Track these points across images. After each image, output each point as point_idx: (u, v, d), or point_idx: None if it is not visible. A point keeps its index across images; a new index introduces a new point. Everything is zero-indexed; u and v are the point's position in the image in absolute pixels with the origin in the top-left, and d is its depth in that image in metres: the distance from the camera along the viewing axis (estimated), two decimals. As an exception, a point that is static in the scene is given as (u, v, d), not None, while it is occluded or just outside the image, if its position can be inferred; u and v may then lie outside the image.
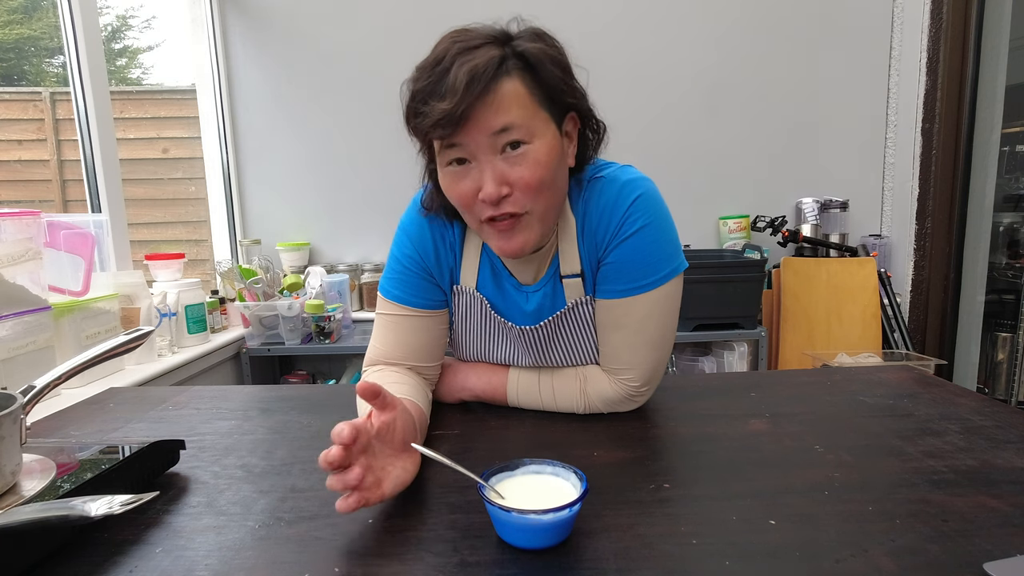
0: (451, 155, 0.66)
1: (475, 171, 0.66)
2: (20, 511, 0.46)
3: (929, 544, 0.48)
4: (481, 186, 0.65)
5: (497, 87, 0.63)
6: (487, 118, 0.63)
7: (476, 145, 0.64)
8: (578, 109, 0.71)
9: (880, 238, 2.32)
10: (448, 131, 0.63)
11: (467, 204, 0.68)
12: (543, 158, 0.66)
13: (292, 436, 0.77)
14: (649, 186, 0.75)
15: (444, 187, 0.70)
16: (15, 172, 2.16)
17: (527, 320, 0.81)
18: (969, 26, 2.07)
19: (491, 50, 0.64)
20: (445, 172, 0.68)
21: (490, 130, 0.63)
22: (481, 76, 0.61)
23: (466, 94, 0.61)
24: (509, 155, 0.65)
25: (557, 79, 0.67)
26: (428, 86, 0.63)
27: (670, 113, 2.29)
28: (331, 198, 2.35)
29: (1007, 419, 0.76)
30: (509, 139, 0.64)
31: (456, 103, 0.61)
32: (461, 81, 0.61)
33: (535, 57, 0.66)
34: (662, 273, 0.74)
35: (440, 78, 0.62)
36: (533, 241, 0.70)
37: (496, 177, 0.65)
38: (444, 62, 0.63)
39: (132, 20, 2.69)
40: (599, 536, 0.51)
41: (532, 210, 0.68)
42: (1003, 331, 2.19)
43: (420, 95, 0.64)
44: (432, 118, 0.62)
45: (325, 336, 1.97)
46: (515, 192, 0.66)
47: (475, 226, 0.72)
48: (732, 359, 2.15)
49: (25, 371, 1.13)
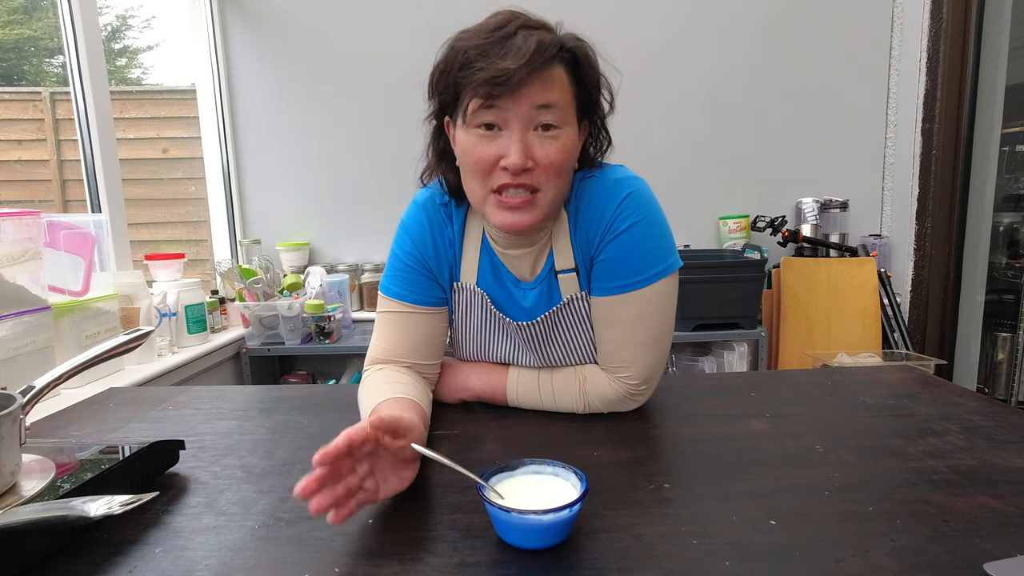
0: (485, 117, 0.67)
1: (503, 139, 0.67)
2: (20, 511, 0.46)
3: (929, 544, 0.48)
4: (504, 154, 0.67)
5: (553, 67, 0.67)
6: (538, 91, 0.66)
7: (516, 113, 0.66)
8: (595, 119, 0.75)
9: (880, 238, 2.32)
10: (501, 90, 0.64)
11: (485, 169, 0.69)
12: (569, 145, 0.69)
13: (292, 436, 0.77)
14: (640, 185, 0.76)
15: (463, 149, 0.70)
16: (15, 172, 2.15)
17: (525, 316, 0.81)
18: (969, 26, 2.06)
19: (550, 34, 0.68)
20: (471, 134, 0.69)
21: (536, 102, 0.66)
22: (547, 50, 0.65)
23: (531, 61, 0.63)
24: (541, 133, 0.67)
25: (594, 84, 0.72)
26: (489, 45, 0.65)
27: (670, 113, 2.29)
28: (331, 198, 2.35)
29: (1007, 419, 0.76)
30: (547, 118, 0.67)
31: (520, 65, 0.63)
32: (529, 48, 0.63)
33: (583, 54, 0.70)
34: (655, 270, 0.75)
35: (503, 40, 0.65)
36: (537, 221, 0.71)
37: (524, 149, 0.66)
38: (507, 28, 0.66)
39: (132, 20, 2.69)
40: (599, 536, 0.51)
41: (545, 190, 0.69)
42: (1003, 331, 2.19)
43: (477, 51, 0.65)
44: (489, 72, 0.63)
45: (325, 336, 1.97)
46: (538, 169, 0.68)
47: (478, 197, 0.72)
48: (732, 359, 2.15)
49: (25, 371, 1.13)
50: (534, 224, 0.71)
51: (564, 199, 0.76)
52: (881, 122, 2.31)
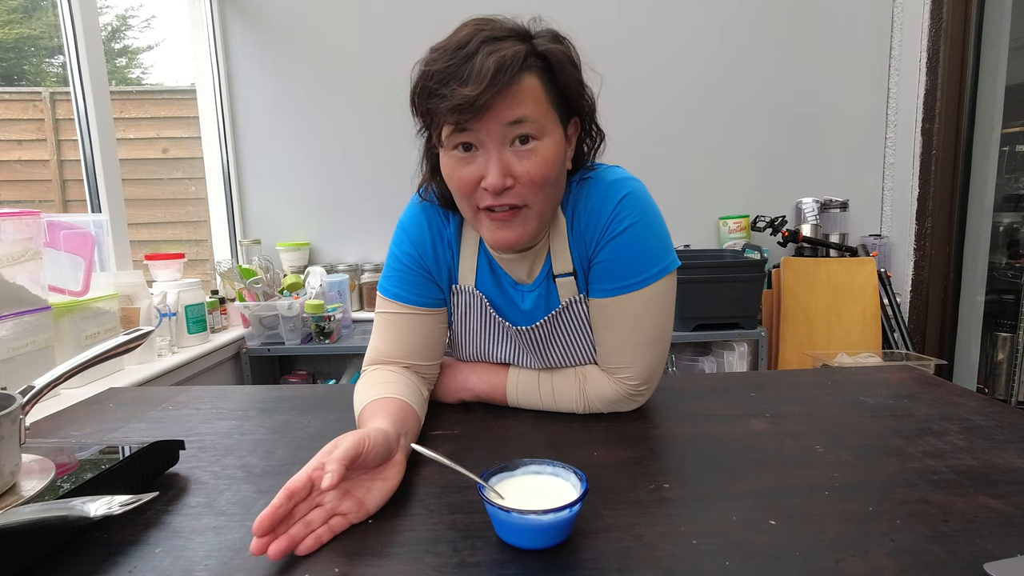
0: (459, 139, 0.66)
1: (481, 159, 0.66)
2: (19, 511, 0.46)
3: (929, 544, 0.48)
4: (484, 174, 0.66)
5: (519, 80, 0.64)
6: (505, 109, 0.64)
7: (488, 134, 0.65)
8: (583, 115, 0.73)
9: (880, 238, 2.32)
10: (467, 117, 0.63)
11: (467, 191, 0.68)
12: (550, 156, 0.67)
13: (292, 436, 0.77)
14: (636, 186, 0.76)
15: (446, 172, 0.70)
16: (15, 172, 2.15)
17: (524, 320, 0.81)
18: (969, 26, 2.06)
19: (516, 44, 0.65)
20: (450, 156, 0.68)
21: (505, 120, 0.64)
22: (507, 67, 0.62)
23: (491, 84, 0.61)
24: (518, 148, 0.66)
25: (572, 83, 0.69)
26: (450, 68, 0.63)
27: (670, 113, 2.29)
28: (331, 198, 2.35)
29: (1007, 419, 0.76)
30: (521, 132, 0.65)
31: (481, 91, 0.61)
32: (488, 69, 0.61)
33: (556, 59, 0.67)
34: (652, 271, 0.75)
35: (464, 62, 0.63)
36: (528, 235, 0.70)
37: (502, 168, 0.65)
38: (468, 47, 0.63)
39: (132, 20, 2.69)
40: (599, 536, 0.51)
41: (532, 204, 0.68)
42: (1003, 331, 2.19)
43: (440, 76, 0.63)
44: (452, 101, 0.62)
45: (325, 336, 1.97)
46: (518, 185, 0.67)
47: (469, 215, 0.72)
48: (732, 359, 2.15)
49: (25, 371, 1.13)
50: (526, 237, 0.70)
51: (557, 207, 0.75)
52: (881, 122, 2.31)
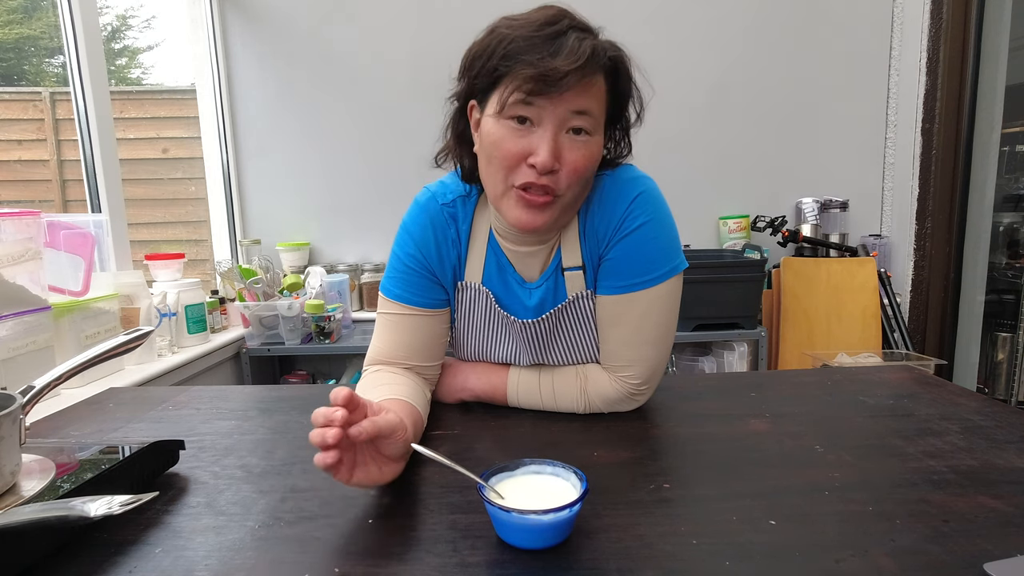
0: (521, 111, 0.66)
1: (535, 136, 0.66)
2: (19, 511, 0.46)
3: (929, 544, 0.48)
4: (534, 151, 0.66)
5: (597, 75, 0.67)
6: (578, 95, 0.65)
7: (552, 113, 0.65)
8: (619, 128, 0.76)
9: (880, 238, 2.32)
10: (548, 88, 0.63)
11: (511, 163, 0.68)
12: (595, 153, 0.70)
13: (292, 436, 0.77)
14: (650, 184, 0.77)
15: (492, 139, 0.68)
16: (15, 172, 2.15)
17: (529, 314, 0.81)
18: (969, 26, 2.06)
19: (597, 40, 0.67)
20: (502, 124, 0.67)
21: (574, 107, 0.65)
22: (598, 58, 0.65)
23: (583, 66, 0.63)
24: (572, 137, 0.67)
25: (626, 94, 0.72)
26: (539, 39, 0.64)
27: (670, 113, 2.29)
28: (331, 198, 2.35)
29: (1007, 419, 0.76)
30: (580, 124, 0.67)
31: (571, 69, 0.62)
32: (584, 51, 0.63)
33: (623, 68, 0.70)
34: (662, 271, 0.75)
35: (553, 37, 0.64)
36: (550, 222, 0.71)
37: (554, 149, 0.66)
38: (559, 25, 0.65)
39: (132, 20, 2.69)
40: (599, 536, 0.51)
41: (564, 195, 0.69)
42: (1003, 331, 2.19)
43: (526, 42, 0.64)
44: (538, 69, 0.62)
45: (325, 336, 1.97)
46: (562, 172, 0.67)
47: (499, 190, 0.71)
48: (732, 359, 2.15)
49: (25, 371, 1.13)
50: (548, 224, 0.71)
51: (580, 204, 0.76)
52: (881, 122, 2.31)
